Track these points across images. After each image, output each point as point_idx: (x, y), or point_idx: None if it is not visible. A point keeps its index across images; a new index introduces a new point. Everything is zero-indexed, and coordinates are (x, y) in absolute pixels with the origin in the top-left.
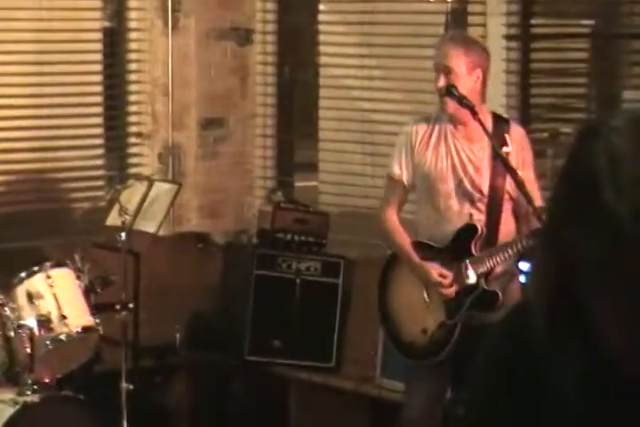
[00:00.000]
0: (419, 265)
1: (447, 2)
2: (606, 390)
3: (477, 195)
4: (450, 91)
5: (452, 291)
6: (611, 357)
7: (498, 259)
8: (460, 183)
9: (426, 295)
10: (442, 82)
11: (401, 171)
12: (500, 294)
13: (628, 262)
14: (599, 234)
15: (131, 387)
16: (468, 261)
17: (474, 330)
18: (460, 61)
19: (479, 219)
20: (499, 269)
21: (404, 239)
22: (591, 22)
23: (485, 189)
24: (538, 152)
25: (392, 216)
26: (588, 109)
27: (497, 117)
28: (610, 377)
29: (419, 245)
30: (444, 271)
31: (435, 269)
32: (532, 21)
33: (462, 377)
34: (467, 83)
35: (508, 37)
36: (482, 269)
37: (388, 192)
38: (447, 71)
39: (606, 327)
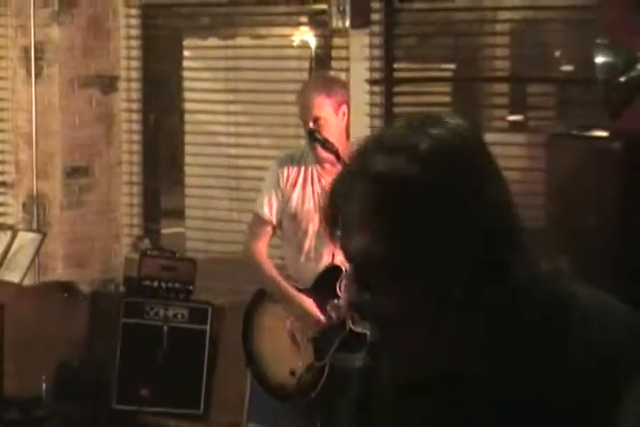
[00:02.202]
0: (296, 296)
1: (310, 48)
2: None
3: None
4: (313, 136)
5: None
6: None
7: None
8: None
9: (295, 337)
10: (312, 126)
11: (270, 212)
12: (367, 335)
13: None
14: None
15: None
16: (335, 301)
17: (342, 372)
18: (326, 106)
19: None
20: None
21: (275, 272)
22: (452, 66)
23: None
24: None
25: (261, 249)
26: None
27: None
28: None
29: None
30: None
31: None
32: (395, 66)
33: (331, 419)
34: (336, 123)
35: (372, 82)
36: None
37: (255, 228)
38: (316, 119)
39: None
